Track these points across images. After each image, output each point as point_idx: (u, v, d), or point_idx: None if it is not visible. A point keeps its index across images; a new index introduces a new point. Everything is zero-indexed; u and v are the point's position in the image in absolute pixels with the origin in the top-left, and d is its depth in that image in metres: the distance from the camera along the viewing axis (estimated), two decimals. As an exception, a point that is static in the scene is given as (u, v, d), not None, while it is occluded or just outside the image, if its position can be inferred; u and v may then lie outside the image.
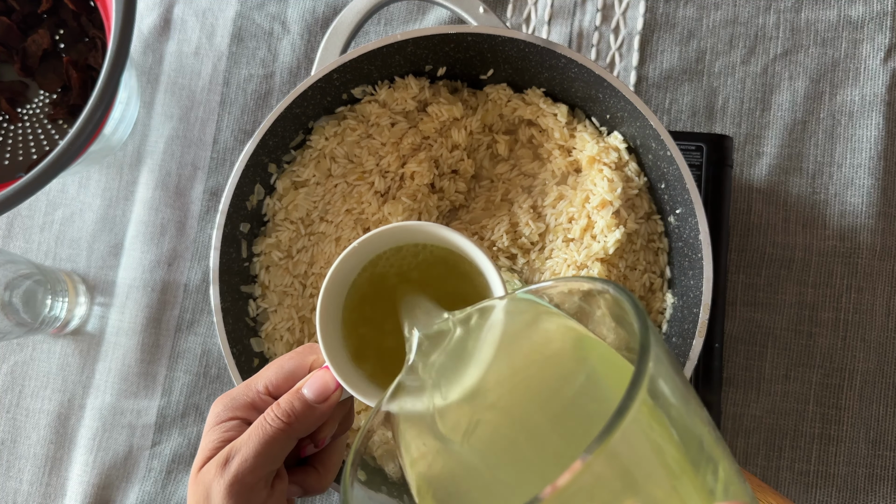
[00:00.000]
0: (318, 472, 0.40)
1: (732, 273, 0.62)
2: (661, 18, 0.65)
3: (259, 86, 0.66)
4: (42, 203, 0.66)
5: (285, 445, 0.37)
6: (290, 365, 0.39)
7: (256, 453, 0.36)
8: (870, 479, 0.59)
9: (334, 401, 0.37)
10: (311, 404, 0.37)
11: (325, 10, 0.67)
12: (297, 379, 0.39)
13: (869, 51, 0.64)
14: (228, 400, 0.39)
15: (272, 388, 0.39)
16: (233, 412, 0.38)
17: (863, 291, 0.61)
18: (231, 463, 0.36)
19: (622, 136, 0.53)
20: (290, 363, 0.39)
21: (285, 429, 0.36)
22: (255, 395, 0.39)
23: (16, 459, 0.63)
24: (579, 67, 0.50)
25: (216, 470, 0.36)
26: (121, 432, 0.62)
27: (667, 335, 0.52)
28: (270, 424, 0.36)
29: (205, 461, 0.37)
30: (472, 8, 0.54)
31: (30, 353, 0.64)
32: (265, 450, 0.36)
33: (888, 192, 0.62)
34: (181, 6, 0.68)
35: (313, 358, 0.39)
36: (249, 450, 0.36)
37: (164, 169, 0.65)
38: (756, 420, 0.60)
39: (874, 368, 0.60)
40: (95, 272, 0.65)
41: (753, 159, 0.63)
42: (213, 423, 0.38)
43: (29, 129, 0.63)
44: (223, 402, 0.39)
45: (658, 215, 0.54)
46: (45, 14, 0.64)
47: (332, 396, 0.37)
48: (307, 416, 0.37)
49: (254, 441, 0.36)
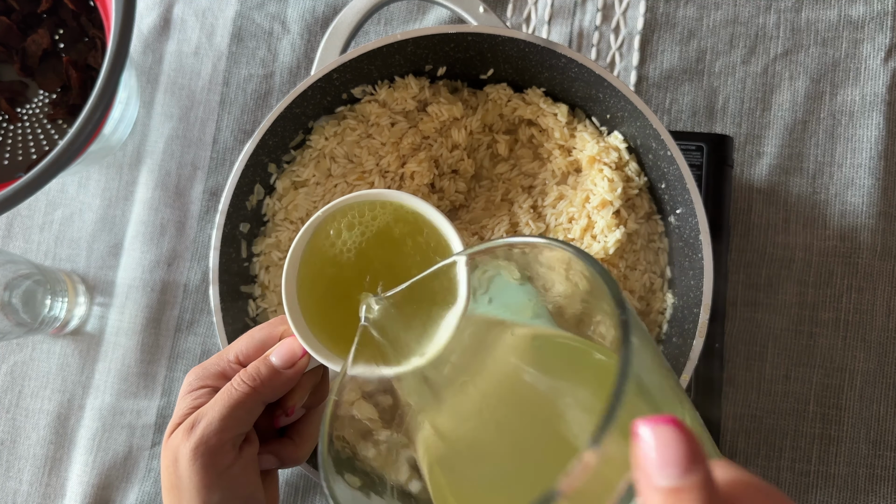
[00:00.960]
0: (294, 443, 0.42)
1: (732, 273, 0.62)
2: (661, 18, 0.65)
3: (259, 85, 0.66)
4: (42, 203, 0.66)
5: (252, 409, 0.38)
6: (261, 335, 0.40)
7: (221, 416, 0.37)
8: (870, 479, 0.59)
9: (301, 367, 0.39)
10: (278, 369, 0.38)
11: (325, 10, 0.67)
12: (267, 348, 0.40)
13: (869, 51, 0.64)
14: (200, 370, 0.40)
15: (242, 358, 0.40)
16: (203, 381, 0.40)
17: (863, 291, 0.61)
18: (197, 427, 0.37)
19: (622, 136, 0.53)
20: (261, 333, 0.41)
21: (251, 392, 0.38)
22: (225, 364, 0.40)
23: (15, 460, 0.63)
24: (579, 67, 0.50)
25: (183, 434, 0.37)
26: (120, 432, 0.62)
27: (667, 335, 0.52)
28: (236, 389, 0.38)
29: (174, 427, 0.38)
30: (472, 8, 0.54)
31: (29, 354, 0.64)
32: (230, 412, 0.37)
33: (888, 192, 0.62)
34: (181, 6, 0.68)
35: (283, 328, 0.41)
36: (215, 413, 0.37)
37: (163, 169, 0.65)
38: (756, 420, 0.60)
39: (874, 368, 0.60)
40: (95, 272, 0.65)
41: (754, 159, 0.63)
42: (184, 392, 0.40)
43: (28, 128, 0.63)
44: (195, 373, 0.40)
45: (658, 215, 0.54)
46: (45, 14, 0.64)
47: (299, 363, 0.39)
48: (273, 380, 0.38)
49: (219, 405, 0.37)
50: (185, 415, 0.38)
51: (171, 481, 0.38)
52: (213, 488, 0.37)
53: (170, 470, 0.38)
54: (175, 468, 0.37)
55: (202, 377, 0.40)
